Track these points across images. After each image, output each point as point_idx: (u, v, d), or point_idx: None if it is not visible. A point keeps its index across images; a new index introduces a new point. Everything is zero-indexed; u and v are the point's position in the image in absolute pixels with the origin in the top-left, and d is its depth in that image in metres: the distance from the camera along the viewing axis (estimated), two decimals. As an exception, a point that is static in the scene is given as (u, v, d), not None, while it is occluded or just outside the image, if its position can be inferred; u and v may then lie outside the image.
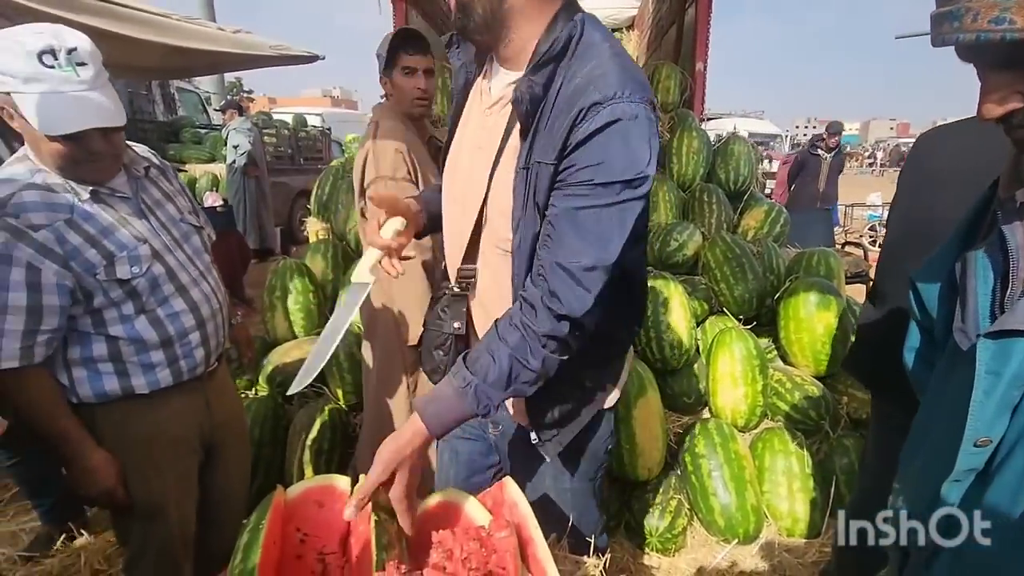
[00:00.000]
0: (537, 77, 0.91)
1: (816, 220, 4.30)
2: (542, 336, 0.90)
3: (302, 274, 2.74)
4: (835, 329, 2.34)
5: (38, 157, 1.17)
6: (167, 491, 1.35)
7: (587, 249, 0.88)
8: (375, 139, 1.76)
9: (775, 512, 2.09)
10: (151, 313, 1.25)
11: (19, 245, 1.10)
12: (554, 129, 0.89)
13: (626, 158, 0.85)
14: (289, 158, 8.16)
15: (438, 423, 0.91)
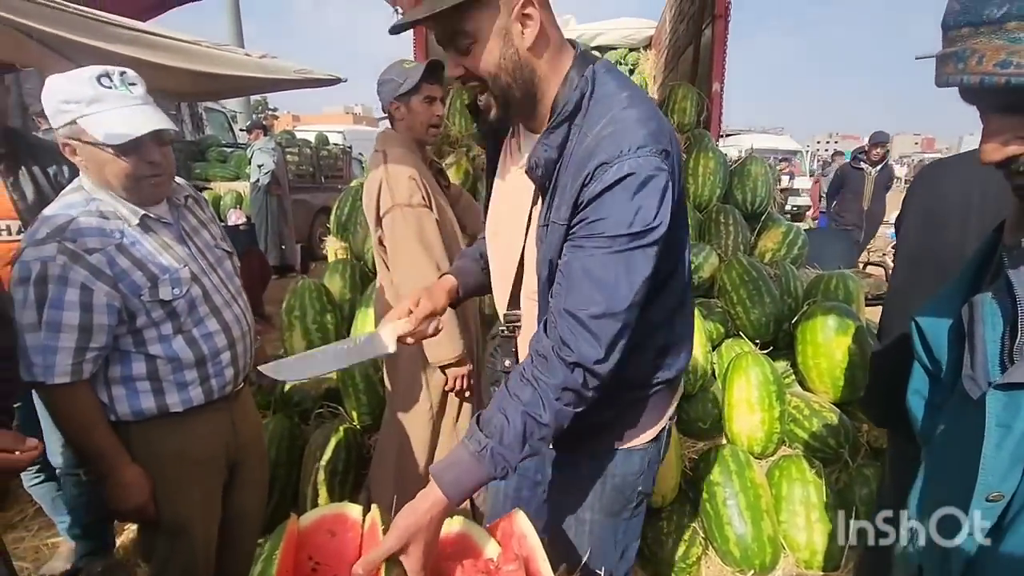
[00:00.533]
0: (551, 140, 0.94)
1: (835, 240, 4.24)
2: (554, 388, 0.90)
3: (320, 294, 2.79)
4: (854, 355, 2.30)
5: (100, 184, 1.27)
6: (193, 509, 1.40)
7: (594, 296, 0.89)
8: (387, 167, 1.79)
9: (792, 543, 2.04)
10: (187, 333, 1.33)
11: (75, 267, 1.19)
12: (566, 190, 0.92)
13: (632, 213, 0.87)
14: (310, 176, 8.34)
15: (457, 490, 0.90)
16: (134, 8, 4.60)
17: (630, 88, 0.96)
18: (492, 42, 0.91)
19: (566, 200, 0.92)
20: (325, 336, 2.77)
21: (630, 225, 0.87)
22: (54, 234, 1.19)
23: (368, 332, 1.10)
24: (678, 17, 5.25)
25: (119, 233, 1.26)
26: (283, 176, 6.85)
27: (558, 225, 0.94)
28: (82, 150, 1.23)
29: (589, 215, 0.89)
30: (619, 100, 0.92)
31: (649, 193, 0.87)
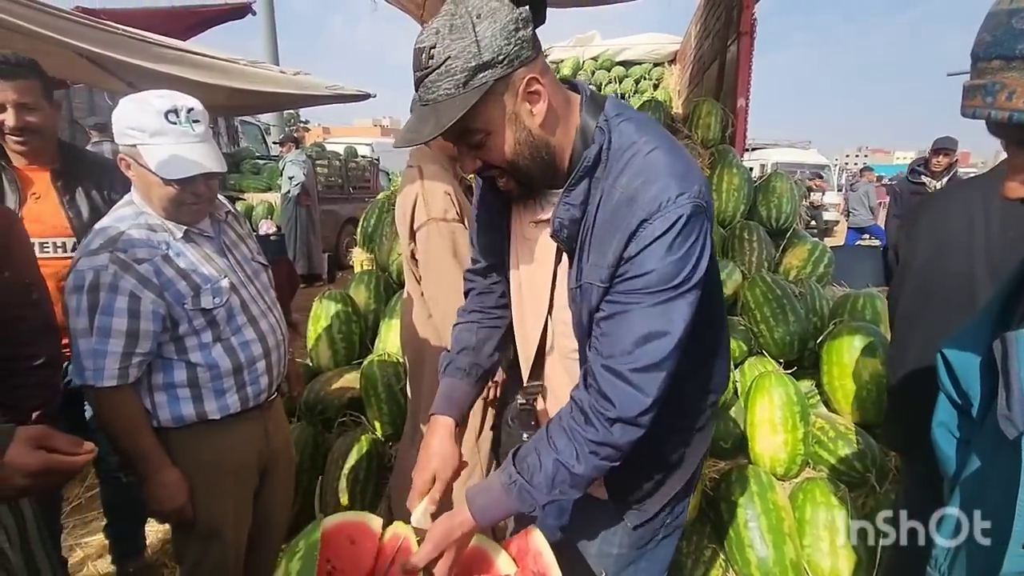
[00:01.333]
0: (572, 198, 0.91)
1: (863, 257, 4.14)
2: (591, 442, 0.89)
3: (346, 304, 2.85)
4: (881, 377, 2.25)
5: (145, 200, 1.35)
6: (227, 514, 1.45)
7: (636, 350, 0.86)
8: (423, 182, 1.83)
9: (816, 569, 2.00)
10: (226, 341, 1.39)
11: (125, 276, 1.27)
12: (602, 251, 0.89)
13: (673, 266, 0.85)
14: (339, 187, 8.54)
15: (484, 516, 0.94)
16: (178, 27, 4.83)
17: (647, 130, 0.92)
18: (504, 131, 0.87)
19: (603, 262, 0.89)
20: (350, 346, 2.83)
21: (673, 278, 0.85)
22: (106, 245, 1.26)
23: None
24: (703, 33, 5.25)
25: (165, 245, 1.33)
26: (312, 187, 7.04)
27: (597, 286, 0.90)
28: (135, 168, 1.32)
29: (630, 271, 0.87)
30: (640, 146, 0.89)
31: (691, 241, 0.85)
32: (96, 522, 2.33)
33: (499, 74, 0.82)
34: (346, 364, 2.81)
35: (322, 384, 2.61)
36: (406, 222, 1.85)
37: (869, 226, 8.39)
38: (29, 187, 1.76)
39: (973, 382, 0.86)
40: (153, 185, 1.31)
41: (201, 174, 1.31)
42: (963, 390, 0.89)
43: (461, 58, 0.80)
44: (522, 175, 0.92)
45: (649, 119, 0.96)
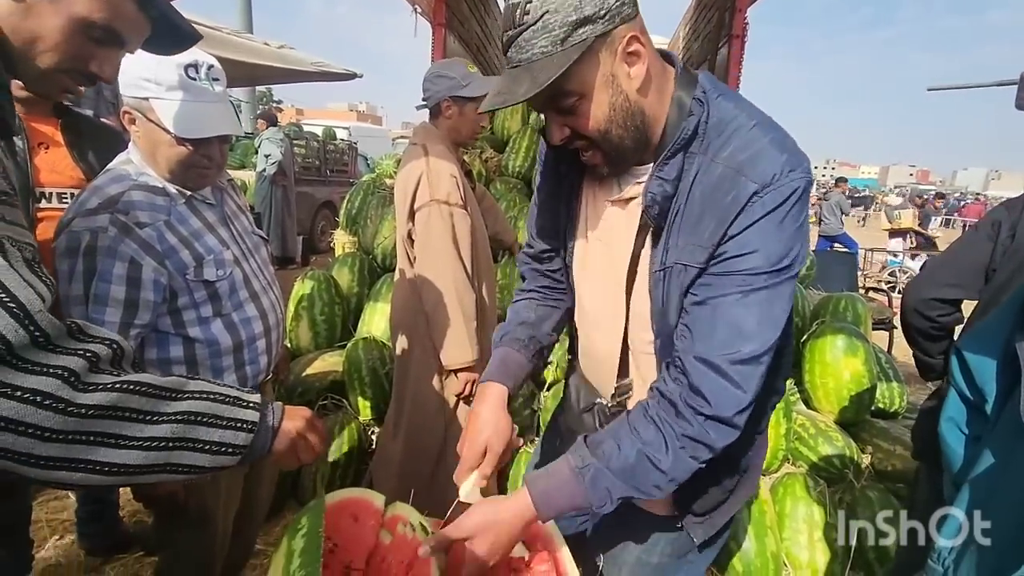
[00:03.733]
0: (666, 172, 0.83)
1: (840, 263, 4.28)
2: (681, 436, 0.81)
3: (329, 285, 2.77)
4: (861, 376, 2.31)
5: (148, 160, 1.24)
6: (218, 500, 1.37)
7: (735, 341, 0.78)
8: (428, 161, 1.78)
9: (794, 561, 2.04)
10: (226, 317, 1.30)
11: (125, 240, 1.15)
12: (699, 230, 0.81)
13: (782, 245, 0.78)
14: (316, 169, 8.32)
15: (548, 504, 0.83)
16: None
17: (747, 106, 0.85)
18: (599, 94, 0.79)
19: (700, 242, 0.80)
20: (331, 329, 2.75)
21: (780, 260, 0.78)
22: (106, 205, 1.15)
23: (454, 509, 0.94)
24: (693, 35, 5.30)
25: (167, 210, 1.23)
26: (289, 167, 6.83)
27: (690, 267, 0.82)
28: (142, 124, 1.21)
29: (731, 250, 0.78)
30: (742, 120, 0.82)
31: (800, 221, 0.79)
32: (67, 498, 2.21)
33: (600, 30, 0.75)
34: (327, 347, 2.73)
35: (303, 366, 2.53)
36: (407, 201, 1.80)
37: (839, 234, 8.67)
38: (37, 137, 1.68)
39: (989, 379, 0.85)
40: (162, 144, 1.20)
41: (216, 136, 1.23)
42: (977, 387, 0.88)
43: (561, 12, 0.74)
44: (613, 146, 0.84)
45: (744, 98, 0.88)
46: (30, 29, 0.70)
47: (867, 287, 5.29)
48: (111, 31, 0.75)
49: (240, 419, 0.77)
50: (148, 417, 0.68)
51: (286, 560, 0.83)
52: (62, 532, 2.09)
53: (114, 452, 0.66)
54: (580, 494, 0.82)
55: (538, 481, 0.85)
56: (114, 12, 0.74)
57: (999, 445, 0.78)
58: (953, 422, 0.96)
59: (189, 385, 0.75)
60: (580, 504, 0.83)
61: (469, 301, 1.81)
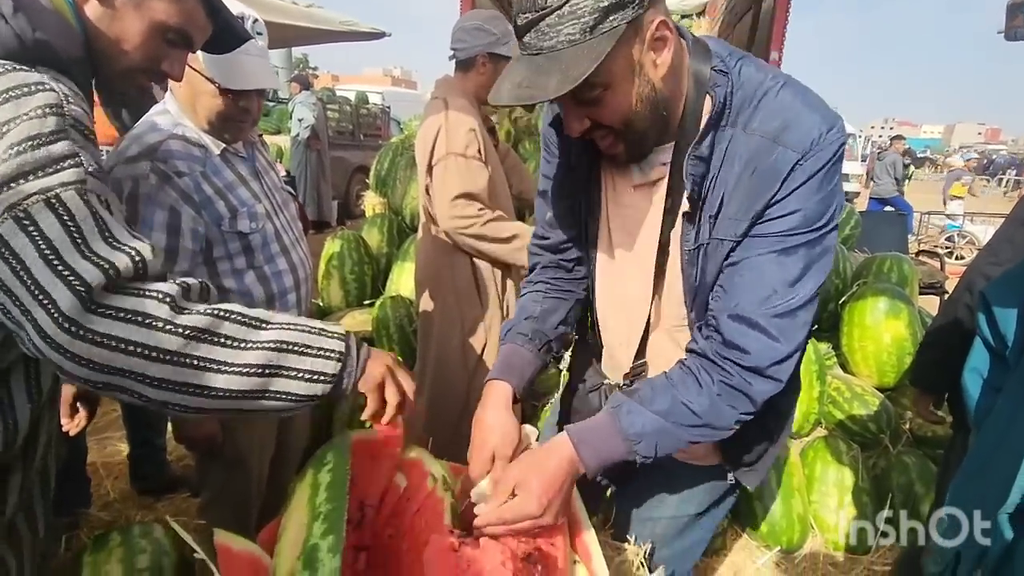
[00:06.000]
0: (701, 151, 0.80)
1: (889, 224, 4.03)
2: (718, 383, 0.81)
3: (359, 245, 2.81)
4: (904, 340, 2.21)
5: (186, 110, 1.26)
6: (252, 444, 1.44)
7: (774, 296, 0.78)
8: (447, 114, 1.75)
9: (822, 524, 2.01)
10: (259, 269, 1.33)
11: (165, 188, 1.18)
12: (740, 203, 0.79)
13: (822, 205, 0.77)
14: (350, 134, 8.36)
15: (587, 445, 0.82)
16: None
17: (767, 68, 0.82)
18: (624, 84, 0.76)
19: (741, 214, 0.79)
20: (361, 287, 2.80)
21: (820, 218, 0.77)
22: (146, 153, 1.17)
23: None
24: (736, -18, 4.97)
25: (203, 161, 1.25)
26: (323, 131, 6.88)
27: (731, 241, 0.81)
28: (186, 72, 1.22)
29: (776, 212, 0.78)
30: (768, 85, 0.79)
31: (837, 178, 0.78)
32: (120, 443, 2.37)
33: (630, 16, 0.71)
34: (357, 305, 2.79)
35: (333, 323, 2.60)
36: (426, 154, 1.78)
37: (892, 197, 8.16)
38: None
39: (1009, 325, 0.85)
40: (203, 94, 1.22)
41: (255, 90, 1.25)
42: (1000, 334, 0.87)
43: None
44: (636, 136, 0.81)
45: (760, 60, 0.85)
46: (116, 32, 0.78)
47: (920, 250, 5.00)
48: (184, 34, 0.83)
49: (329, 348, 0.80)
50: (243, 344, 0.72)
51: (312, 491, 0.86)
52: (117, 473, 2.25)
53: (218, 376, 0.70)
54: (618, 435, 0.81)
55: (576, 428, 0.84)
56: (187, 17, 0.82)
57: (1015, 390, 0.77)
58: (977, 372, 0.96)
59: (276, 317, 0.78)
60: (619, 447, 0.82)
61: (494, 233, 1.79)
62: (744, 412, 0.82)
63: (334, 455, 0.90)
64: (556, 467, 0.81)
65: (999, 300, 0.90)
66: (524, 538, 0.85)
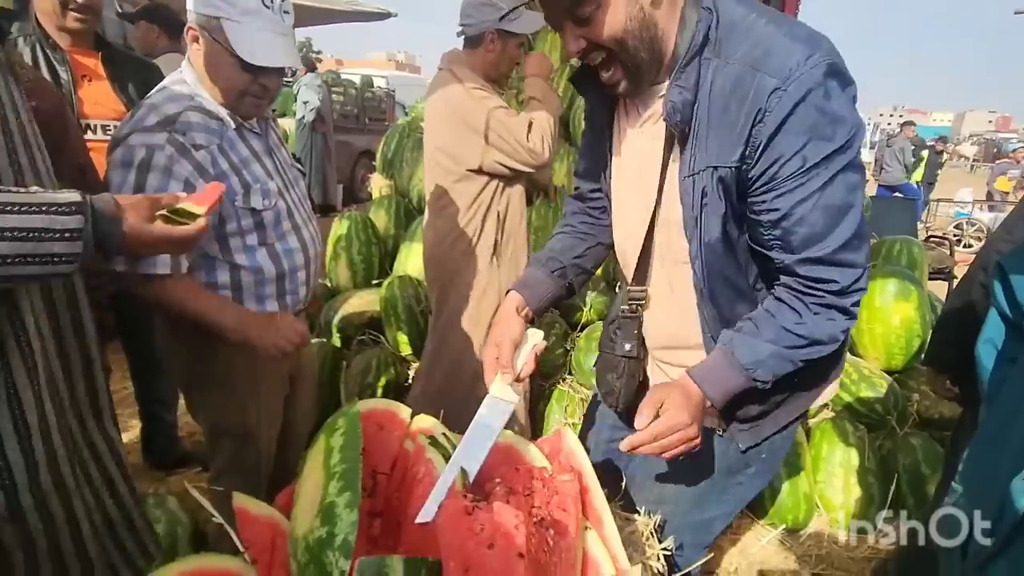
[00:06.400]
0: (683, 80, 0.85)
1: (898, 209, 3.99)
2: (813, 305, 0.87)
3: (367, 226, 2.81)
4: (913, 323, 2.20)
5: (204, 82, 1.25)
6: (261, 418, 1.44)
7: (828, 232, 0.82)
8: (463, 84, 1.75)
9: (827, 503, 2.02)
10: (270, 246, 1.33)
11: (182, 161, 1.17)
12: (724, 129, 0.83)
13: (830, 126, 0.79)
14: (354, 117, 8.31)
15: (708, 379, 0.90)
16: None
17: (756, 6, 0.86)
18: (616, 4, 0.81)
19: (729, 141, 0.83)
20: (368, 268, 2.81)
21: (832, 140, 0.79)
22: (164, 124, 1.16)
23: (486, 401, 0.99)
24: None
25: (219, 135, 1.24)
26: (328, 114, 6.84)
27: (722, 168, 0.85)
28: (207, 43, 1.20)
29: (781, 151, 0.80)
30: (752, 20, 0.83)
31: (837, 99, 0.79)
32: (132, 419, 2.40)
33: None
34: (364, 285, 2.80)
35: (341, 303, 2.61)
36: (442, 124, 1.77)
37: (900, 184, 8.08)
38: (80, 69, 1.74)
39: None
40: (224, 66, 1.20)
41: (275, 68, 1.23)
42: (1016, 302, 0.87)
43: None
44: (629, 58, 0.85)
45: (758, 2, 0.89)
46: None
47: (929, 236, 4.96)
48: None
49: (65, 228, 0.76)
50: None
51: (325, 455, 0.87)
52: (129, 448, 2.28)
53: None
54: (735, 367, 0.89)
55: (696, 370, 0.92)
56: None
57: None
58: (991, 344, 0.95)
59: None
60: (739, 378, 0.89)
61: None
62: (845, 323, 0.89)
63: (345, 421, 0.91)
64: (692, 394, 0.89)
65: (1016, 268, 0.89)
66: (535, 502, 0.87)
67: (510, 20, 1.74)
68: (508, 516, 0.80)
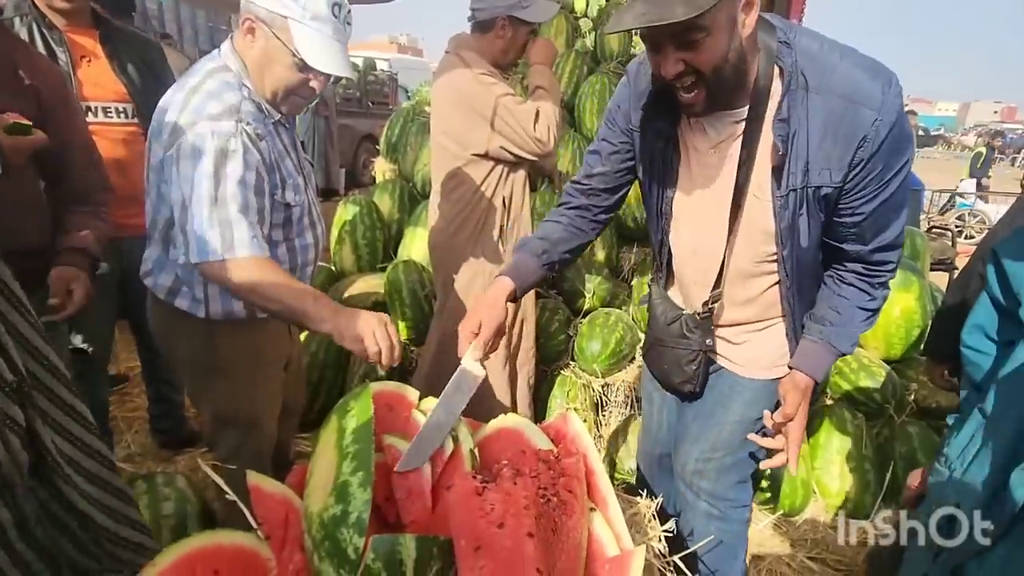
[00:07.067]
0: (781, 113, 0.98)
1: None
2: (877, 285, 1.10)
3: (371, 210, 2.81)
4: (913, 313, 2.22)
5: (250, 74, 1.23)
6: (264, 404, 1.45)
7: (894, 230, 1.05)
8: (472, 69, 1.74)
9: (824, 490, 2.06)
10: (290, 242, 1.33)
11: (252, 150, 1.17)
12: (824, 155, 0.98)
13: (906, 142, 0.97)
14: (357, 101, 8.25)
15: (814, 367, 1.12)
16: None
17: (819, 37, 1.00)
18: (722, 34, 0.90)
19: (837, 163, 0.97)
20: (373, 252, 2.82)
21: (905, 154, 0.98)
22: (229, 113, 1.15)
23: (456, 374, 1.03)
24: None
25: (267, 127, 1.24)
26: (330, 97, 6.80)
27: (826, 188, 1.00)
28: (265, 38, 1.19)
29: (873, 167, 0.97)
30: (827, 56, 0.97)
31: (907, 118, 0.98)
32: (140, 399, 2.43)
33: None
34: (369, 270, 2.81)
35: (346, 286, 2.62)
36: (449, 109, 1.77)
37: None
38: (78, 50, 1.70)
39: (1022, 279, 0.88)
40: (280, 64, 1.20)
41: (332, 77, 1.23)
42: (1012, 291, 0.91)
43: None
44: (720, 84, 0.95)
45: (810, 29, 1.04)
46: None
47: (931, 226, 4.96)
48: None
49: None
50: None
51: (338, 435, 0.89)
52: (137, 428, 2.32)
53: None
54: (834, 354, 1.12)
55: (800, 362, 1.13)
56: None
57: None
58: (980, 329, 0.99)
59: None
60: (833, 358, 1.14)
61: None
62: (888, 292, 1.13)
63: (356, 402, 0.93)
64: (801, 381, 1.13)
65: (1009, 254, 0.91)
66: (541, 483, 0.89)
67: (523, 7, 1.73)
68: (517, 497, 0.82)
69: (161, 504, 1.53)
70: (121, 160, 1.73)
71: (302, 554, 0.81)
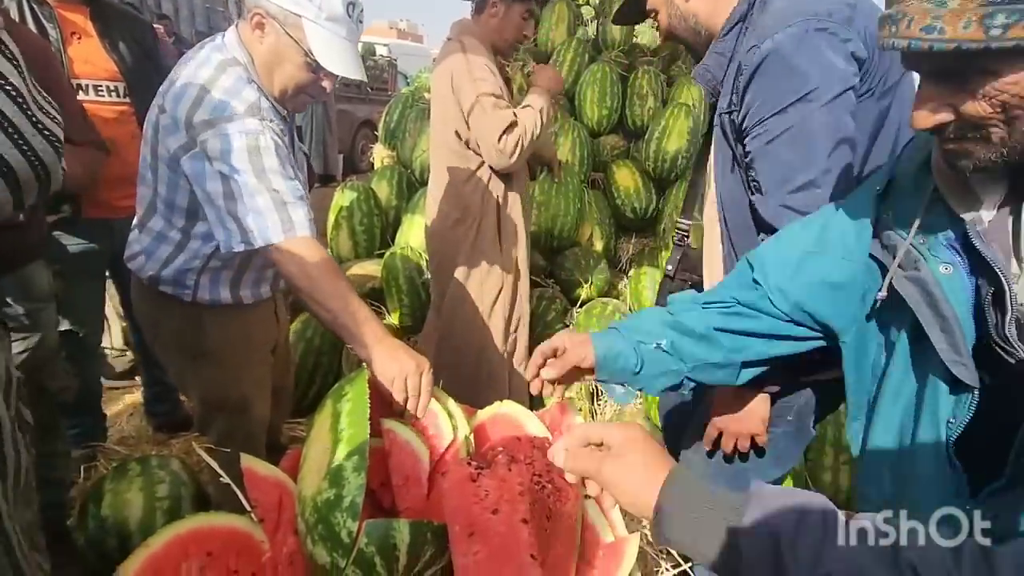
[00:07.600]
0: (720, 47, 0.98)
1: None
2: None
3: (369, 197, 2.79)
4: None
5: (257, 70, 1.20)
6: (254, 388, 1.45)
7: (787, 174, 0.90)
8: (467, 57, 1.73)
9: (817, 481, 2.07)
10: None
11: (281, 145, 1.16)
12: (728, 82, 0.98)
13: (789, 81, 0.87)
14: (355, 86, 8.16)
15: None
16: None
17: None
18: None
19: (727, 91, 0.97)
20: (371, 239, 2.81)
21: (791, 94, 0.87)
22: (251, 110, 1.14)
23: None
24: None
25: (280, 122, 1.23)
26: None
27: (723, 114, 0.97)
28: (275, 34, 1.16)
29: (751, 102, 0.91)
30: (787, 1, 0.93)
31: (803, 57, 0.86)
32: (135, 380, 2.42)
33: None
34: (366, 256, 2.80)
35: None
36: (446, 98, 1.76)
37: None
38: (69, 26, 1.67)
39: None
40: (289, 62, 1.17)
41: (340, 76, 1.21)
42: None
43: None
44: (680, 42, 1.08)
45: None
46: None
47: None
48: None
49: None
50: None
51: (333, 420, 0.88)
52: (132, 411, 2.31)
53: None
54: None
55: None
56: None
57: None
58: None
59: None
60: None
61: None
62: None
63: (351, 387, 0.92)
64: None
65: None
66: (536, 469, 0.89)
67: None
68: (512, 483, 0.82)
69: (156, 487, 1.53)
70: (113, 139, 1.69)
71: (295, 537, 0.81)
